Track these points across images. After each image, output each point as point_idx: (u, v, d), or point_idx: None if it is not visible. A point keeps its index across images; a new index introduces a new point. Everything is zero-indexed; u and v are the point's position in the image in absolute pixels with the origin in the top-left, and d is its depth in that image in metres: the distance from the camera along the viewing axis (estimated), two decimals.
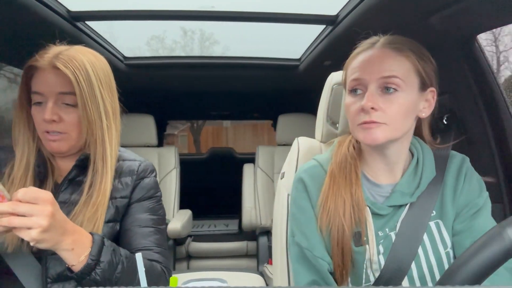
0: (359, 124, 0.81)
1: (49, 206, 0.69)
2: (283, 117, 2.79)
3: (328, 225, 0.85)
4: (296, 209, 0.91)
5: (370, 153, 0.89)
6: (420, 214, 0.84)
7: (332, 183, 0.88)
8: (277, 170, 2.76)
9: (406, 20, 1.19)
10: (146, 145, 2.65)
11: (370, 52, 0.84)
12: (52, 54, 0.84)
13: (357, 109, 0.81)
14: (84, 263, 0.75)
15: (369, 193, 0.88)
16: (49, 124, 0.85)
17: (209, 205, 3.69)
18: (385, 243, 0.83)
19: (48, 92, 0.85)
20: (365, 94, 0.80)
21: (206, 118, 4.42)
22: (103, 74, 0.89)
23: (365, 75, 0.81)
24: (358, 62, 0.84)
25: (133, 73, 2.29)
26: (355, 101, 0.82)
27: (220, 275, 1.94)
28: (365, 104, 0.78)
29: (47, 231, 0.68)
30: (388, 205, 0.85)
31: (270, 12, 1.62)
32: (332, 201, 0.85)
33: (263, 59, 2.34)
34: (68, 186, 0.91)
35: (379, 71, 0.80)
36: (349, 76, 0.85)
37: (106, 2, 1.51)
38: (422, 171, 0.87)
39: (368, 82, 0.81)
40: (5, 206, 0.67)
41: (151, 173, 1.00)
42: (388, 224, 0.85)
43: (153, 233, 0.94)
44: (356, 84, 0.82)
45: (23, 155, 0.89)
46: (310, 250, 0.86)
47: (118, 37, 1.99)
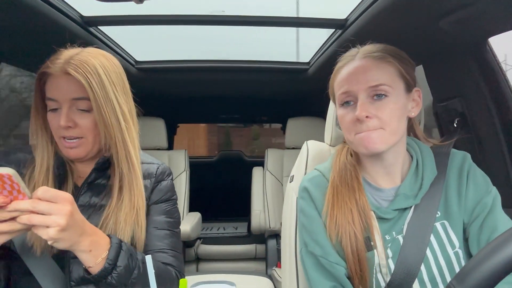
0: (357, 134, 0.83)
1: (68, 205, 0.70)
2: (292, 120, 2.80)
3: (337, 235, 0.85)
4: (305, 218, 0.92)
5: (367, 159, 0.90)
6: (425, 216, 0.84)
7: (336, 192, 0.88)
8: (286, 173, 2.76)
9: (416, 23, 1.18)
10: (156, 148, 2.67)
11: (353, 64, 0.86)
12: (63, 60, 0.83)
13: (351, 119, 0.83)
14: (101, 266, 0.75)
15: (373, 198, 0.88)
16: (65, 130, 0.86)
17: (218, 208, 3.70)
18: (393, 247, 0.83)
19: (62, 99, 0.85)
20: (357, 105, 0.82)
21: (216, 121, 4.44)
22: (116, 76, 0.88)
23: (353, 87, 0.83)
24: (344, 75, 0.86)
25: (144, 77, 2.32)
26: (348, 112, 0.85)
27: (229, 277, 1.94)
28: (359, 114, 0.81)
29: (65, 230, 0.69)
30: (392, 209, 0.86)
31: (279, 16, 1.63)
32: (338, 211, 0.86)
33: (272, 62, 2.35)
34: (87, 189, 0.91)
35: (366, 81, 0.82)
36: (337, 90, 0.87)
37: (117, 7, 1.53)
38: (423, 172, 0.88)
39: (357, 93, 0.83)
40: (26, 203, 0.68)
41: (169, 176, 1.02)
42: (395, 228, 0.85)
43: (169, 236, 0.95)
44: (346, 96, 0.85)
45: (43, 160, 0.89)
46: (325, 257, 0.87)
47: (129, 42, 2.01)
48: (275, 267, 2.46)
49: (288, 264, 1.07)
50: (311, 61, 2.29)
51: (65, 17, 1.34)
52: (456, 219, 0.85)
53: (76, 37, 1.45)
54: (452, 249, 0.83)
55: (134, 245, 0.88)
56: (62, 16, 1.32)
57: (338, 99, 0.87)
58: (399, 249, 0.82)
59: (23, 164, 0.91)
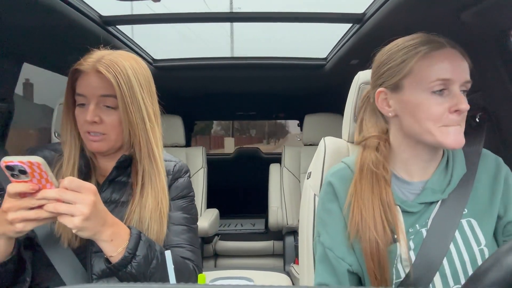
0: (445, 126, 0.79)
1: (92, 195, 0.73)
2: (310, 117, 2.78)
3: (358, 227, 0.84)
4: (324, 211, 0.92)
5: (410, 152, 0.87)
6: (451, 211, 0.83)
7: (360, 184, 0.87)
8: (303, 170, 2.75)
9: (436, 16, 1.16)
10: (174, 145, 2.70)
11: (449, 51, 0.81)
12: (95, 59, 0.87)
13: (444, 109, 0.78)
14: (121, 255, 0.78)
15: (399, 191, 0.87)
16: (90, 125, 0.89)
17: (236, 205, 3.72)
18: (416, 240, 0.82)
19: (91, 95, 0.89)
20: (454, 95, 0.78)
21: (233, 118, 4.46)
22: (144, 79, 0.92)
23: (453, 76, 0.78)
24: (443, 61, 0.79)
25: (162, 75, 2.34)
26: (439, 102, 0.79)
27: (247, 274, 1.95)
28: (464, 107, 0.77)
29: (88, 219, 0.72)
30: (418, 202, 0.84)
31: (296, 12, 1.62)
32: (361, 203, 0.84)
33: (289, 59, 2.34)
34: (109, 186, 0.94)
35: (462, 74, 0.79)
36: (429, 74, 0.79)
37: (135, 6, 1.55)
38: (453, 168, 0.86)
39: (454, 84, 0.79)
40: (53, 192, 0.71)
41: (186, 173, 1.05)
42: (419, 221, 0.84)
43: (186, 231, 0.97)
44: (442, 84, 0.79)
45: (70, 154, 0.93)
46: (332, 250, 0.86)
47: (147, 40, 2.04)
48: (293, 264, 2.46)
49: (306, 261, 1.07)
50: (328, 57, 2.27)
51: (84, 17, 1.37)
52: (485, 219, 0.84)
53: (95, 36, 1.48)
54: (478, 246, 0.81)
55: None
56: (81, 16, 1.35)
57: (429, 85, 0.79)
58: (422, 242, 0.82)
59: (49, 161, 0.94)
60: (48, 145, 0.99)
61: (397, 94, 0.84)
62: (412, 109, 0.81)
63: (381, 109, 0.88)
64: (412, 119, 0.82)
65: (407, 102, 0.82)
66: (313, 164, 1.13)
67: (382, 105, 0.87)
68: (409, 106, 0.81)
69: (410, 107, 0.81)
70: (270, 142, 17.89)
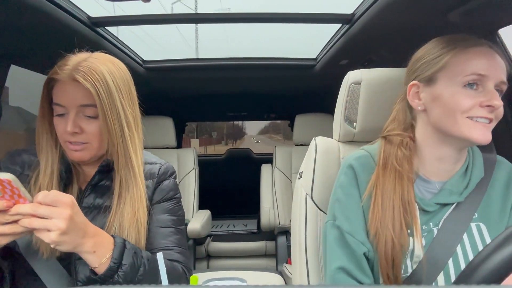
0: (474, 117, 0.79)
1: (68, 209, 0.71)
2: (300, 117, 2.79)
3: (376, 219, 0.83)
4: (343, 194, 0.89)
5: (435, 151, 0.87)
6: (464, 214, 0.83)
7: (383, 177, 0.85)
8: (294, 170, 2.76)
9: (425, 17, 1.17)
10: (165, 147, 2.69)
11: (485, 49, 0.81)
12: (71, 66, 0.83)
13: (474, 103, 0.78)
14: (106, 265, 0.76)
15: (417, 189, 0.87)
16: (71, 135, 0.86)
17: (228, 205, 3.72)
18: (428, 238, 0.83)
19: (69, 105, 0.86)
20: (488, 92, 0.78)
21: (224, 119, 4.45)
22: (123, 83, 0.88)
23: (489, 72, 0.79)
24: (480, 56, 0.80)
25: (152, 76, 2.33)
26: (471, 95, 0.79)
27: (240, 274, 1.95)
28: (497, 103, 0.77)
29: (66, 234, 0.70)
30: (435, 202, 0.85)
31: (285, 12, 1.62)
32: (382, 195, 0.84)
33: (279, 59, 2.34)
34: (91, 191, 0.92)
35: (498, 72, 0.79)
36: (464, 68, 0.80)
37: (125, 7, 1.54)
38: (472, 171, 0.87)
39: (488, 81, 0.79)
40: (26, 207, 0.69)
41: (171, 175, 1.02)
42: (433, 220, 0.85)
43: (173, 233, 0.95)
44: (476, 78, 0.79)
45: (47, 163, 0.90)
46: (352, 235, 0.85)
47: (137, 41, 2.02)
48: (285, 264, 2.47)
49: (298, 260, 1.07)
50: (318, 57, 2.28)
51: (72, 18, 1.36)
52: (495, 224, 0.85)
53: (83, 38, 1.47)
54: None
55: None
56: (69, 17, 1.33)
57: (463, 78, 0.79)
58: (431, 240, 0.82)
59: (27, 166, 0.92)
60: (28, 148, 0.96)
61: (430, 87, 0.84)
62: (443, 101, 0.81)
63: (411, 102, 0.88)
64: (441, 111, 0.82)
65: (439, 95, 0.82)
66: (304, 164, 1.14)
67: (413, 98, 0.87)
68: (440, 99, 0.82)
69: (441, 99, 0.81)
70: (228, 143, 19.61)
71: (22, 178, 0.90)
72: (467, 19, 1.12)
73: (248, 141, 22.95)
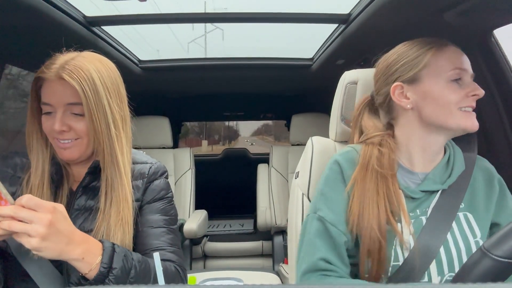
0: (463, 107, 0.86)
1: (49, 214, 0.69)
2: (297, 117, 2.79)
3: (360, 207, 0.86)
4: (327, 187, 0.92)
5: (420, 143, 0.92)
6: (450, 202, 0.88)
7: (362, 185, 0.88)
8: (291, 170, 2.76)
9: (420, 16, 1.18)
10: (161, 147, 2.68)
11: (456, 48, 0.90)
12: (58, 65, 0.83)
13: (462, 96, 0.86)
14: (96, 270, 0.76)
15: (402, 180, 0.91)
16: (59, 133, 0.86)
17: (224, 205, 3.71)
18: (415, 225, 0.86)
19: (57, 103, 0.85)
20: (469, 84, 0.87)
21: (220, 119, 4.44)
22: (111, 82, 0.88)
23: (467, 67, 0.88)
24: (457, 54, 0.88)
25: (148, 76, 2.32)
26: (457, 89, 0.87)
27: (236, 274, 1.95)
28: (481, 92, 0.86)
29: (46, 240, 0.69)
30: (420, 190, 0.89)
31: (282, 12, 1.62)
32: (366, 185, 0.87)
33: (276, 59, 2.34)
34: (82, 193, 0.92)
35: (470, 66, 0.89)
36: (448, 65, 0.87)
37: (120, 7, 1.54)
38: (454, 164, 0.92)
39: (466, 74, 0.88)
40: (7, 209, 0.68)
41: (162, 175, 1.01)
42: (419, 208, 0.88)
43: (166, 233, 0.95)
44: (459, 73, 0.87)
45: (38, 163, 0.90)
46: (335, 225, 0.87)
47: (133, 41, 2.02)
48: (282, 263, 2.47)
49: (295, 260, 1.07)
50: (314, 57, 2.28)
51: (68, 18, 1.35)
52: (482, 215, 0.89)
53: (79, 37, 1.46)
54: (473, 238, 0.86)
55: None
56: (65, 17, 1.33)
57: (449, 74, 0.87)
58: (421, 229, 0.85)
59: (19, 168, 0.92)
60: (20, 151, 0.95)
61: (415, 86, 0.89)
62: (434, 97, 0.87)
63: (398, 102, 0.91)
64: (434, 106, 0.87)
65: (429, 92, 0.88)
66: (301, 163, 1.14)
67: (400, 98, 0.91)
68: (431, 95, 0.87)
69: (432, 95, 0.87)
70: (225, 144, 22.92)
71: (14, 180, 0.90)
72: (463, 19, 1.12)
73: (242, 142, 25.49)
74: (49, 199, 0.87)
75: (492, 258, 0.65)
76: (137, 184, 0.96)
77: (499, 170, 0.95)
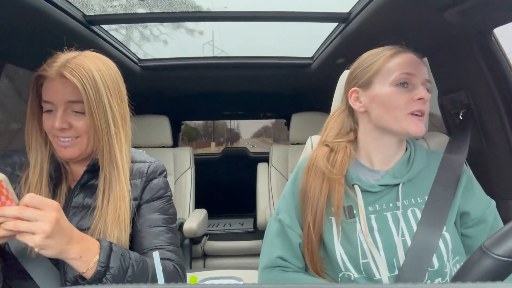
0: (410, 113, 0.89)
1: (54, 212, 0.70)
2: (296, 116, 2.79)
3: (305, 198, 0.94)
4: (288, 191, 1.01)
5: (376, 144, 0.97)
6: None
7: (315, 163, 0.96)
8: (291, 169, 2.76)
9: (421, 15, 1.18)
10: (161, 146, 2.68)
11: (410, 55, 0.93)
12: (60, 63, 0.84)
13: (408, 99, 0.89)
14: (94, 270, 0.76)
15: (361, 174, 0.96)
16: (59, 131, 0.86)
17: (224, 204, 3.71)
18: (379, 221, 0.90)
19: (58, 101, 0.86)
20: (418, 88, 0.90)
21: (220, 118, 4.44)
22: (111, 81, 0.88)
23: (415, 72, 0.91)
24: (406, 60, 0.92)
25: (148, 75, 2.32)
26: (403, 92, 0.90)
27: (236, 273, 1.95)
28: (425, 95, 0.89)
29: (50, 237, 0.69)
30: (379, 184, 0.93)
31: (282, 11, 1.62)
32: (313, 178, 0.94)
33: (275, 58, 2.34)
34: (80, 191, 0.92)
35: (423, 73, 0.92)
36: (395, 70, 0.91)
37: (120, 5, 1.54)
38: (413, 161, 0.96)
39: (416, 80, 0.91)
40: (13, 210, 0.68)
41: (161, 174, 1.01)
42: (379, 202, 0.92)
43: (164, 232, 0.95)
44: (406, 77, 0.90)
45: (36, 161, 0.90)
46: (292, 228, 0.96)
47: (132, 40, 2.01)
48: None
49: None
50: (314, 56, 2.28)
51: (68, 17, 1.35)
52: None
53: (79, 36, 1.46)
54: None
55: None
56: (65, 16, 1.32)
57: (394, 78, 0.91)
58: (385, 224, 0.89)
59: (18, 167, 0.92)
60: (20, 150, 0.95)
61: (367, 91, 0.95)
62: (380, 100, 0.92)
63: (353, 106, 0.98)
64: (381, 110, 0.92)
65: (376, 95, 0.93)
66: None
67: (355, 101, 0.98)
68: (378, 99, 0.93)
69: (379, 99, 0.92)
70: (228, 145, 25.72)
71: (13, 179, 0.89)
72: (463, 18, 1.12)
73: (242, 142, 27.78)
74: (47, 197, 0.87)
75: (492, 257, 0.65)
76: (136, 183, 0.96)
77: (499, 169, 0.95)
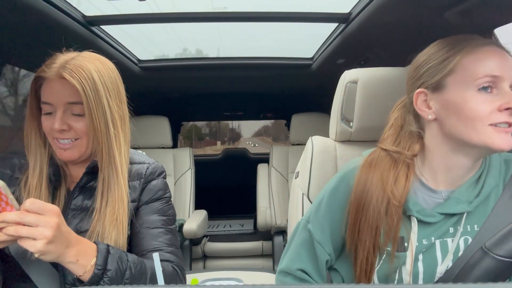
0: (495, 124, 0.72)
1: (55, 217, 0.70)
2: (297, 116, 2.79)
3: (349, 249, 0.82)
4: (326, 202, 0.86)
5: (445, 160, 0.80)
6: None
7: (356, 204, 0.81)
8: (291, 170, 2.76)
9: (421, 16, 1.17)
10: (161, 147, 2.68)
11: (496, 49, 0.75)
12: (59, 64, 0.83)
13: (491, 109, 0.72)
14: (91, 272, 0.75)
15: (421, 198, 0.81)
16: (59, 133, 0.86)
17: (224, 205, 3.70)
18: (427, 252, 0.78)
19: (57, 102, 0.85)
20: (505, 93, 0.72)
21: (220, 118, 4.44)
22: (111, 82, 0.88)
23: (503, 73, 0.73)
24: (489, 56, 0.74)
25: (148, 76, 2.32)
26: (488, 99, 0.72)
27: (236, 274, 1.94)
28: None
29: (52, 243, 0.69)
30: (438, 212, 0.78)
31: (282, 11, 1.62)
32: (354, 227, 0.81)
33: (275, 58, 2.34)
34: (79, 193, 0.91)
35: (511, 73, 0.74)
36: (476, 70, 0.73)
37: (120, 6, 1.53)
38: (485, 180, 0.79)
39: (502, 81, 0.73)
40: (13, 215, 0.68)
41: (159, 175, 1.00)
42: (435, 234, 0.78)
43: (163, 234, 0.94)
44: (492, 81, 0.73)
45: (36, 163, 0.89)
46: (322, 245, 0.85)
47: (132, 41, 2.01)
48: None
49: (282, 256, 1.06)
50: (314, 56, 2.27)
51: (67, 17, 1.34)
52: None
53: (78, 37, 1.46)
54: None
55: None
56: (64, 16, 1.32)
57: (476, 82, 0.73)
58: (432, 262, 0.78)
59: (17, 169, 0.92)
60: (19, 152, 0.95)
61: (439, 94, 0.77)
62: (457, 108, 0.74)
63: (420, 112, 0.80)
64: (456, 119, 0.75)
65: (451, 102, 0.75)
66: (301, 163, 1.13)
67: (422, 107, 0.80)
68: (453, 106, 0.75)
69: (455, 106, 0.74)
70: (230, 144, 27.70)
71: (12, 181, 0.89)
72: (464, 18, 1.12)
73: (243, 142, 28.72)
74: (47, 200, 0.87)
75: (493, 258, 0.65)
76: (134, 184, 0.95)
77: None
